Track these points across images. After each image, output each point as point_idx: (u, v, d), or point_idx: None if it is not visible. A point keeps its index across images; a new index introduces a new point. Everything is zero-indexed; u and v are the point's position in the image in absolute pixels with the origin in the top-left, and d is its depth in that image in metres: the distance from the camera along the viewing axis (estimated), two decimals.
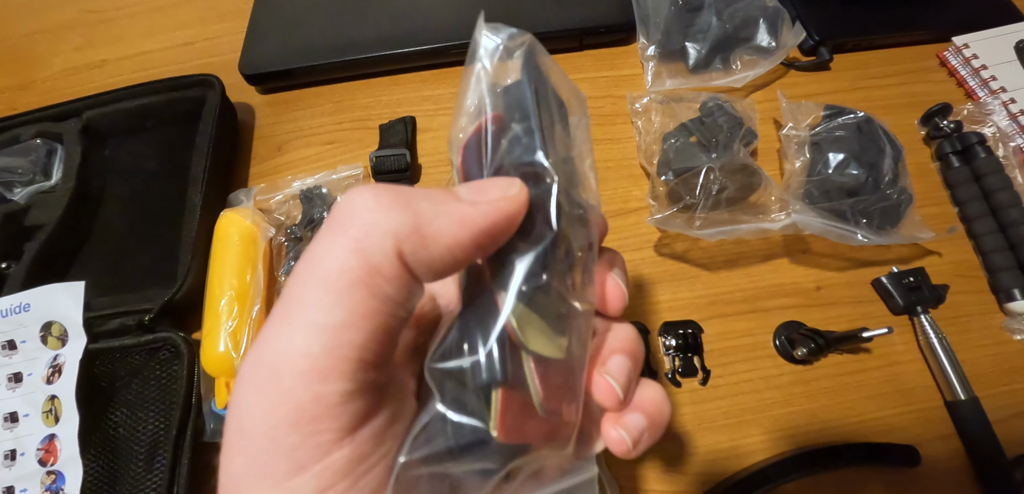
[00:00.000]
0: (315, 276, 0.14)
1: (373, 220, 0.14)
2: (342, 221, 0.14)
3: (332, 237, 0.14)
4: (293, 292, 0.14)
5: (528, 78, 0.17)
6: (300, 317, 0.14)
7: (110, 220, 0.47)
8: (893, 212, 0.40)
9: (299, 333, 0.14)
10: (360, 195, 0.15)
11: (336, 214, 0.15)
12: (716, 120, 0.42)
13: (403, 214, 0.14)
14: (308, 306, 0.14)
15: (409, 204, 0.15)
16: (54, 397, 0.37)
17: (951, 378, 0.38)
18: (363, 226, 0.14)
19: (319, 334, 0.13)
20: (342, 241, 0.14)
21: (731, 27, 0.48)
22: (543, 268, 0.16)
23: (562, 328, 0.17)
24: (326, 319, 0.13)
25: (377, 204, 0.14)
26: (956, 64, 0.51)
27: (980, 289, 0.42)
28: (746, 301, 0.41)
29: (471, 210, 0.15)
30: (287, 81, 0.51)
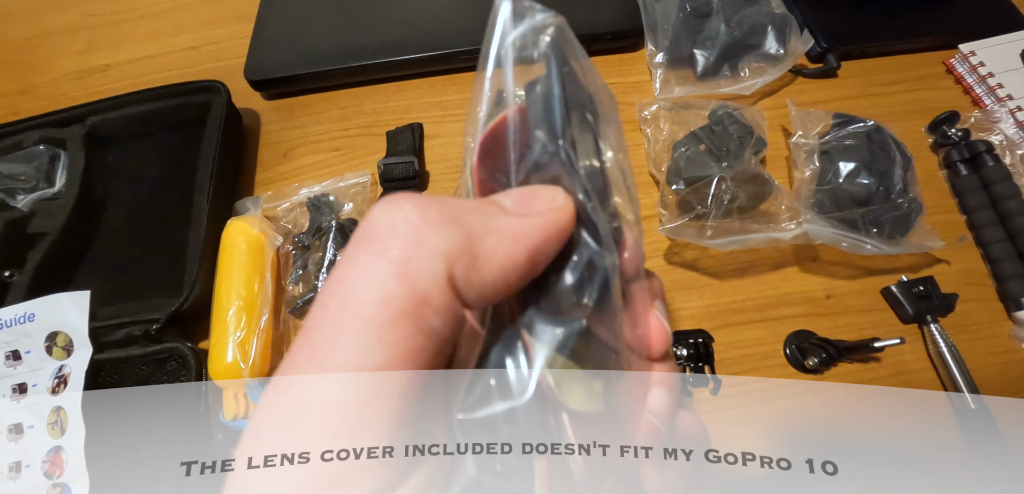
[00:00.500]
0: (349, 308, 0.12)
1: (419, 238, 0.12)
2: (380, 239, 0.12)
3: (369, 259, 0.12)
4: (320, 327, 0.12)
5: (557, 72, 0.15)
6: (330, 358, 0.12)
7: (115, 228, 0.46)
8: (903, 221, 0.40)
9: (329, 378, 0.11)
10: (400, 207, 0.12)
11: (371, 230, 0.13)
12: (726, 128, 0.42)
13: (453, 231, 0.12)
14: (341, 346, 0.12)
15: (458, 218, 0.13)
16: (60, 408, 0.37)
17: (961, 386, 0.38)
18: (407, 245, 0.12)
19: (354, 380, 0.11)
20: (382, 265, 0.12)
21: (739, 34, 0.48)
22: (579, 305, 0.14)
23: (600, 374, 0.15)
24: (363, 361, 0.11)
25: (423, 219, 0.12)
26: (962, 71, 0.51)
27: (988, 297, 0.42)
28: (756, 310, 0.41)
29: (523, 224, 0.13)
30: (293, 87, 0.51)
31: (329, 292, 0.12)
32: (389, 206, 0.13)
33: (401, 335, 0.12)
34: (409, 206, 0.13)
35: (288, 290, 0.42)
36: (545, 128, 0.15)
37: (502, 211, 0.14)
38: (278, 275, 0.42)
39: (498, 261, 0.13)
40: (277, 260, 0.43)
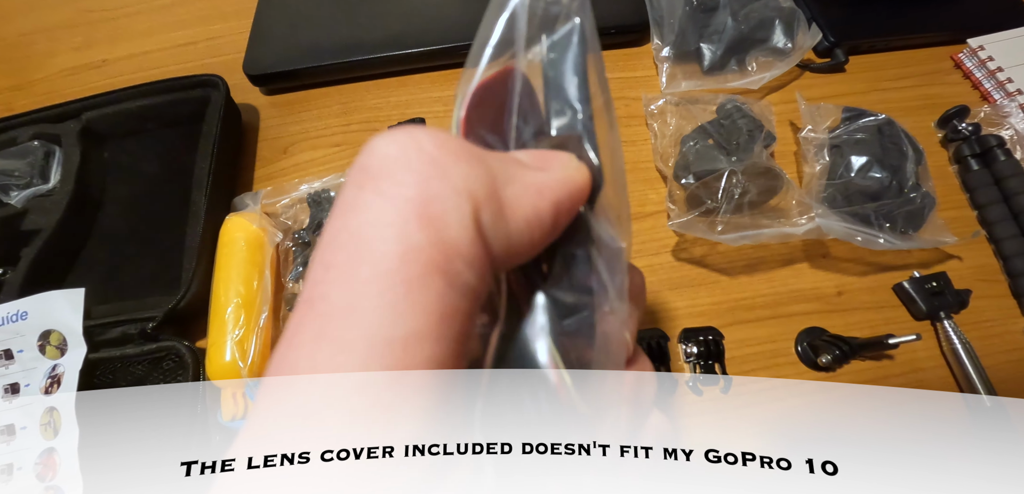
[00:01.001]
0: (364, 265, 0.09)
1: (440, 171, 0.10)
2: (391, 174, 0.10)
3: (380, 202, 0.10)
4: (328, 292, 0.10)
5: (587, 31, 0.13)
6: (347, 330, 0.09)
7: (110, 225, 0.45)
8: (916, 216, 0.39)
9: (350, 354, 0.09)
10: (411, 136, 0.10)
11: (375, 165, 0.10)
12: (735, 122, 0.41)
13: (477, 168, 0.10)
14: (358, 312, 0.09)
15: (480, 156, 0.11)
16: (53, 409, 0.36)
17: (976, 384, 0.37)
18: (426, 181, 0.10)
19: (382, 353, 0.09)
20: (397, 207, 0.10)
21: (746, 28, 0.48)
22: (589, 294, 0.13)
23: (602, 373, 0.13)
24: (390, 330, 0.09)
25: (442, 149, 0.10)
26: (971, 66, 0.50)
27: (1002, 294, 0.42)
28: (767, 307, 0.41)
29: (546, 178, 0.11)
30: (293, 82, 0.50)
31: (332, 247, 0.10)
32: (398, 136, 0.10)
33: (434, 294, 0.09)
34: (422, 135, 0.10)
35: (288, 287, 0.41)
36: (567, 94, 0.13)
37: (518, 162, 0.12)
38: (278, 272, 0.41)
39: (523, 212, 0.11)
40: (277, 257, 0.42)
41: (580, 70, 0.13)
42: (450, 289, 0.10)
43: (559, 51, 0.14)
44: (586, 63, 0.13)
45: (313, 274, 0.10)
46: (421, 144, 0.10)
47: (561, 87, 0.13)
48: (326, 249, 0.10)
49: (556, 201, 0.11)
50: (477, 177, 0.10)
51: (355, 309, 0.09)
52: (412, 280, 0.09)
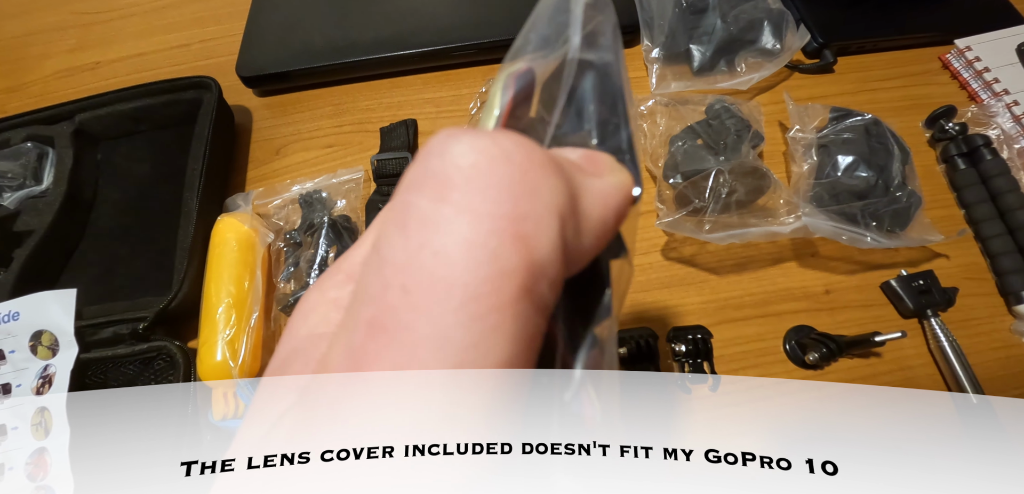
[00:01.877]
0: (456, 289, 0.09)
1: (530, 187, 0.09)
2: (476, 187, 0.09)
3: (463, 215, 0.09)
4: (413, 321, 0.09)
5: (618, 39, 0.13)
6: (434, 363, 0.08)
7: (103, 226, 0.45)
8: (903, 214, 0.39)
9: (419, 388, 0.09)
10: (495, 142, 0.09)
11: (452, 174, 0.09)
12: (723, 122, 0.42)
13: (561, 181, 0.10)
14: (449, 344, 0.09)
15: (560, 166, 0.10)
16: (44, 409, 0.36)
17: (963, 381, 0.37)
18: (518, 198, 0.09)
19: (477, 385, 0.09)
20: (486, 226, 0.09)
21: (735, 29, 0.48)
22: (608, 313, 0.12)
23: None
24: (482, 361, 0.09)
25: (531, 160, 0.09)
26: (958, 66, 0.51)
27: (989, 292, 0.42)
28: (755, 306, 0.41)
29: (605, 185, 0.11)
30: (285, 83, 0.50)
31: (411, 269, 0.09)
32: (478, 142, 0.09)
33: (523, 320, 0.09)
34: (508, 142, 0.09)
35: (279, 288, 0.41)
36: (610, 98, 0.13)
37: (582, 169, 0.11)
38: (269, 272, 0.42)
39: (594, 224, 0.10)
40: (268, 257, 0.42)
41: (621, 74, 0.13)
42: (536, 313, 0.09)
43: (600, 52, 0.13)
44: (624, 65, 0.13)
45: (385, 296, 0.09)
46: (508, 153, 0.09)
47: (604, 91, 0.13)
48: (402, 270, 0.09)
49: (618, 209, 0.11)
50: (563, 191, 0.09)
51: (447, 342, 0.08)
52: (504, 307, 0.09)
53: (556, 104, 0.12)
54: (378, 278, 0.09)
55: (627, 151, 0.12)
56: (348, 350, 0.09)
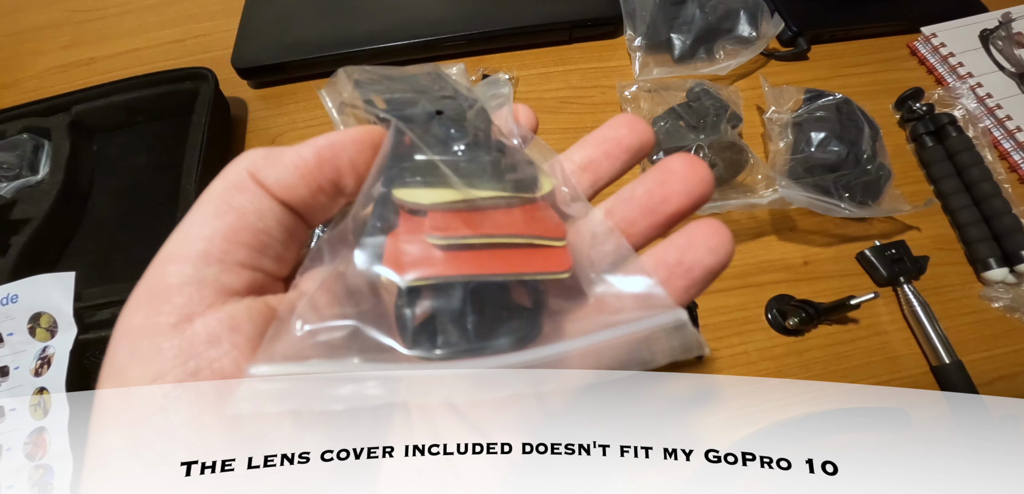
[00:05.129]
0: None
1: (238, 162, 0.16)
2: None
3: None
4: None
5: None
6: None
7: (100, 214, 0.46)
8: (873, 187, 0.41)
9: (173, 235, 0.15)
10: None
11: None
12: (703, 103, 0.44)
13: (258, 152, 0.16)
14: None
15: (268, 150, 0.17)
16: (43, 389, 0.36)
17: (935, 343, 0.39)
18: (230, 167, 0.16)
19: (178, 231, 0.15)
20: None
21: (714, 19, 0.50)
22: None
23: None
24: (186, 224, 0.15)
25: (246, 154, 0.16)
26: (926, 52, 0.53)
27: (959, 261, 0.44)
28: (738, 277, 0.43)
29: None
30: (281, 75, 0.52)
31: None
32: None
33: (211, 208, 0.15)
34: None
35: None
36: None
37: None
38: None
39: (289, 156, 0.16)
40: None
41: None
42: (226, 206, 0.15)
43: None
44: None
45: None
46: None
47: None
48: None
49: (317, 147, 0.16)
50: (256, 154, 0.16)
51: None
52: (201, 202, 0.15)
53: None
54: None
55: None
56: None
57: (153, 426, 0.13)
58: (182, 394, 0.13)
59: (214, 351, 0.13)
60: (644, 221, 0.17)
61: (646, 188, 0.17)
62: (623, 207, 0.17)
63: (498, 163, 0.17)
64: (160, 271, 0.14)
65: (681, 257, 0.16)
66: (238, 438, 0.14)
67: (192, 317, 0.14)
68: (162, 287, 0.14)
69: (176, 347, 0.13)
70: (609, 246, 0.16)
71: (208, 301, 0.14)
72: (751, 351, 0.40)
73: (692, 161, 0.16)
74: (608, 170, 0.19)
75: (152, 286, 0.14)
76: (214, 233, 0.15)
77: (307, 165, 0.16)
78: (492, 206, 0.16)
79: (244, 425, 0.14)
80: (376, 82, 0.19)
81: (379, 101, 0.18)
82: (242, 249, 0.15)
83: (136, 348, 0.14)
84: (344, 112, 0.18)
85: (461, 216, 0.15)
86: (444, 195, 0.15)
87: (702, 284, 0.16)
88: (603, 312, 0.16)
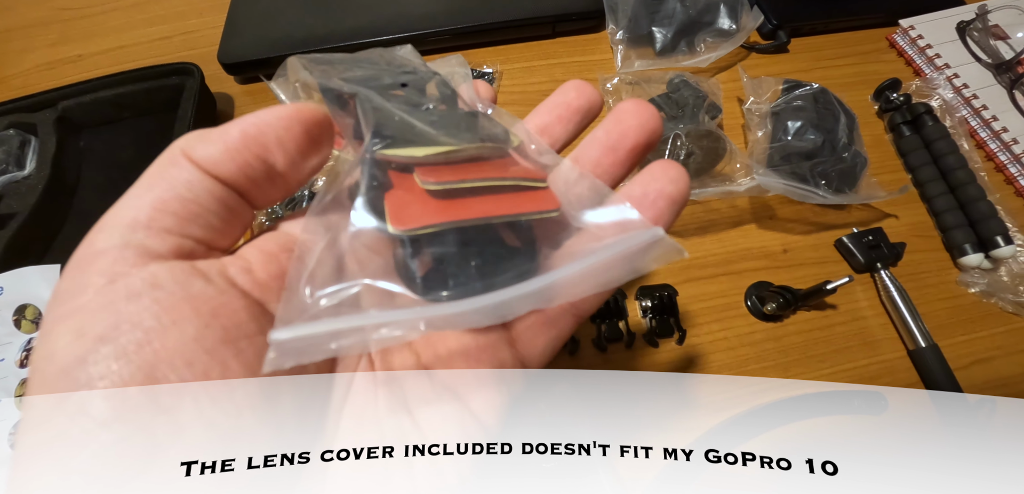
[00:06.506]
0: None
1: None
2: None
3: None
4: None
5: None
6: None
7: (87, 209, 0.46)
8: (850, 174, 0.42)
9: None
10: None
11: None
12: (682, 94, 0.44)
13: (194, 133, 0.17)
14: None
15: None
16: (28, 380, 0.36)
17: (912, 327, 0.40)
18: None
19: (114, 205, 0.16)
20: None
21: (694, 12, 0.51)
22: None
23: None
24: (122, 198, 0.16)
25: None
26: (904, 44, 0.54)
27: (935, 247, 0.45)
28: (718, 265, 0.43)
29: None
30: (267, 70, 0.52)
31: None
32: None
33: (143, 183, 0.16)
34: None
35: None
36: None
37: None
38: None
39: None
40: (251, 234, 0.43)
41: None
42: (157, 178, 0.16)
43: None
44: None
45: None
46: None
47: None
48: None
49: (242, 126, 0.16)
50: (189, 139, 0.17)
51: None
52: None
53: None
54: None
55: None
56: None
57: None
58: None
59: (133, 306, 0.14)
60: (608, 159, 0.19)
61: (605, 129, 0.19)
62: (587, 149, 0.19)
63: (472, 119, 0.18)
64: (90, 239, 0.15)
65: (645, 189, 0.17)
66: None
67: (116, 278, 0.14)
68: (91, 253, 0.15)
69: (96, 303, 0.14)
70: (583, 187, 0.18)
71: (131, 262, 0.14)
72: (731, 337, 0.41)
73: (641, 103, 0.19)
74: (562, 133, 0.21)
75: (82, 253, 0.15)
76: (143, 203, 0.15)
77: (233, 141, 0.16)
78: (476, 156, 0.17)
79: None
80: (331, 66, 0.19)
81: (340, 82, 0.18)
82: (169, 217, 0.15)
83: (61, 310, 0.14)
84: (300, 96, 0.19)
85: (449, 166, 0.16)
86: (431, 149, 0.16)
87: (669, 213, 0.18)
88: (588, 241, 0.17)
